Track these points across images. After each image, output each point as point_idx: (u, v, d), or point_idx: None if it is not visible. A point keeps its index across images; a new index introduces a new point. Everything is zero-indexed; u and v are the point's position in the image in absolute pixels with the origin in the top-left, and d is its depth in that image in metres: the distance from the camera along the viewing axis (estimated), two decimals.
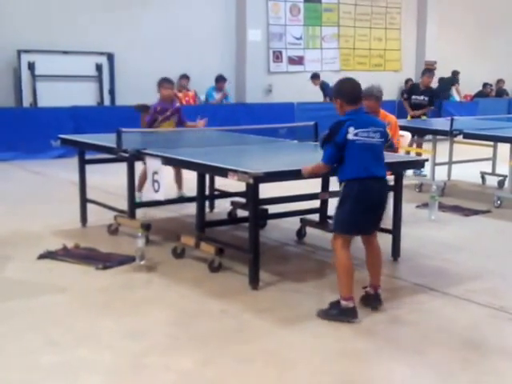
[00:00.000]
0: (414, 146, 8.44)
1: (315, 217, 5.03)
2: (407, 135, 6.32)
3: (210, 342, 3.21)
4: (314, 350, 3.14)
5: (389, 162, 4.67)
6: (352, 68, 14.01)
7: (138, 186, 5.48)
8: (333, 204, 5.18)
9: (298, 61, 13.23)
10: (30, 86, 9.95)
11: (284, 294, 3.86)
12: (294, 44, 13.15)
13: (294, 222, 5.12)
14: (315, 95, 12.37)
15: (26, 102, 10.00)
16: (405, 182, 4.67)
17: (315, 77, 12.48)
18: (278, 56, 12.94)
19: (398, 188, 4.50)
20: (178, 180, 6.20)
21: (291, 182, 4.22)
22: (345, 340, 3.26)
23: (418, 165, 5.33)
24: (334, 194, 4.66)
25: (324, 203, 4.99)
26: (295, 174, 4.01)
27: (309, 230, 5.10)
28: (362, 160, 3.45)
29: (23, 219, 5.64)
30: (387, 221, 5.07)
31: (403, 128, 6.27)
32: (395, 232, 4.54)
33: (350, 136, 3.42)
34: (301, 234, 5.09)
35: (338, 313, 3.42)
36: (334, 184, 5.12)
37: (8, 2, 9.95)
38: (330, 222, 5.11)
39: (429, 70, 9.23)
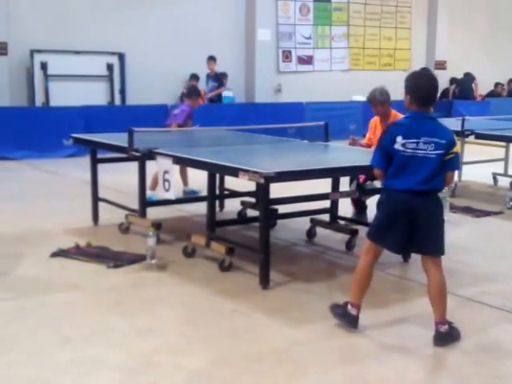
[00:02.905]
0: None
1: (325, 217, 5.03)
2: None
3: (221, 341, 3.22)
4: (325, 349, 3.15)
5: None
6: (361, 68, 14.00)
7: (151, 185, 5.51)
8: (343, 204, 5.23)
9: (308, 60, 13.23)
10: (42, 86, 10.03)
11: (294, 294, 3.86)
12: (304, 43, 13.15)
13: (304, 222, 5.11)
14: (325, 95, 12.35)
15: (39, 101, 10.08)
16: None
17: (212, 59, 10.96)
18: (287, 55, 12.94)
19: None
20: (183, 175, 6.19)
21: (301, 181, 4.23)
22: (356, 341, 3.26)
23: None
24: (344, 195, 4.68)
25: (334, 203, 4.98)
26: (306, 174, 4.01)
27: (319, 230, 5.09)
28: (401, 172, 3.16)
29: (35, 217, 5.68)
30: None
31: None
32: None
33: (397, 146, 3.14)
34: (311, 234, 5.08)
35: (342, 314, 3.34)
36: (345, 184, 5.15)
37: (21, 3, 10.03)
38: (341, 222, 5.14)
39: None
